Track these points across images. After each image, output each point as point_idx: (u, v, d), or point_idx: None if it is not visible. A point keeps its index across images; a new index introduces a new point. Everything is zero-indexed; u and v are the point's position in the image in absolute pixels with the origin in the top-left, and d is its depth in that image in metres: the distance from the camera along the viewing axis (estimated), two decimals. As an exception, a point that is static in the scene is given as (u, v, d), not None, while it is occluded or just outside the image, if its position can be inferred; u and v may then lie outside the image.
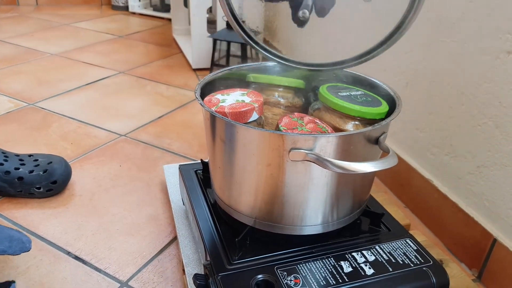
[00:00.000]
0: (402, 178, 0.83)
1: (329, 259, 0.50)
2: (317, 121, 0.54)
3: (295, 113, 0.56)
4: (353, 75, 0.63)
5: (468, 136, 0.67)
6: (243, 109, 0.52)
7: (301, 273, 0.48)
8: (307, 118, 0.54)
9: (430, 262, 0.51)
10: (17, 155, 0.81)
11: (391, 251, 0.52)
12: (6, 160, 0.78)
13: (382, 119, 0.52)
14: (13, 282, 0.60)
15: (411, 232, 0.62)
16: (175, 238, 0.72)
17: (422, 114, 0.76)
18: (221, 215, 0.58)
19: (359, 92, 0.57)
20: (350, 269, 0.49)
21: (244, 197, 0.53)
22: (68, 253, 0.68)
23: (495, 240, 0.62)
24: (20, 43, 1.73)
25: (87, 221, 0.75)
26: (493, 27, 0.60)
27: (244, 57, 1.34)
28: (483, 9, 0.62)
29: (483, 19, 0.62)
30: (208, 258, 0.51)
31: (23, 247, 0.56)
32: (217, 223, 0.57)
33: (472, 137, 0.66)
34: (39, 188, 0.78)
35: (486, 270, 0.65)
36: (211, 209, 0.60)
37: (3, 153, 0.80)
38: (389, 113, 0.54)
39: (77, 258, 0.67)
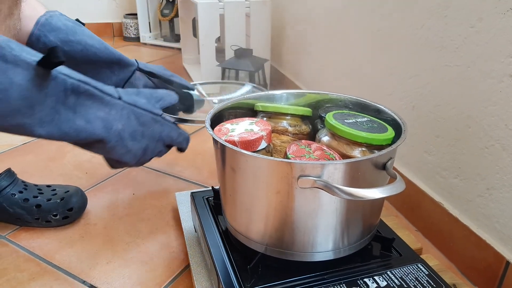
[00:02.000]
0: (412, 202, 0.83)
1: (341, 285, 0.51)
2: (325, 148, 0.55)
3: (303, 141, 0.57)
4: (359, 102, 0.64)
5: (476, 159, 0.67)
6: (252, 138, 0.54)
7: (313, 300, 0.49)
8: (314, 145, 0.55)
9: (442, 287, 0.51)
10: (36, 185, 0.84)
11: (403, 276, 0.52)
12: (25, 189, 0.82)
13: (389, 145, 0.53)
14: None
15: (423, 256, 0.62)
16: (188, 266, 0.72)
17: (430, 137, 0.77)
18: (232, 242, 0.59)
19: (365, 119, 0.59)
20: (361, 294, 0.50)
21: (255, 224, 0.54)
22: (84, 282, 0.69)
23: (508, 263, 0.62)
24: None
25: (102, 250, 0.76)
26: (495, 51, 0.61)
27: (252, 84, 1.37)
28: (484, 34, 0.63)
29: (485, 44, 0.63)
30: (221, 286, 0.52)
31: (175, 98, 0.71)
32: (229, 250, 0.58)
33: (480, 159, 0.66)
34: (55, 215, 0.80)
35: (500, 294, 0.64)
36: (222, 236, 0.61)
37: (23, 182, 0.84)
38: (395, 138, 0.55)
39: (92, 287, 0.68)
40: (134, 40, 2.47)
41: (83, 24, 0.78)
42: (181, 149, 0.72)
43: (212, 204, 0.69)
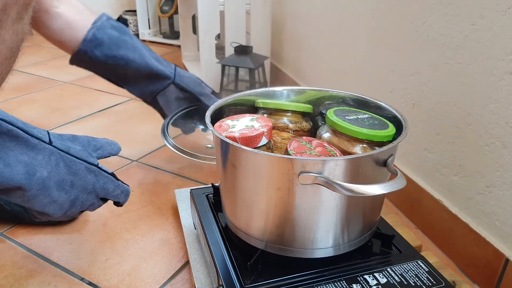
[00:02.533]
0: (412, 199, 0.83)
1: (341, 282, 0.51)
2: (326, 144, 0.55)
3: (304, 137, 0.57)
4: (360, 98, 0.64)
5: (476, 156, 0.67)
6: (252, 134, 0.54)
7: (313, 296, 0.48)
8: (315, 141, 0.55)
9: (442, 283, 0.51)
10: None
11: (403, 273, 0.52)
12: None
13: (390, 142, 0.53)
14: None
15: (423, 253, 0.62)
16: (187, 263, 0.72)
17: (430, 134, 0.77)
18: (232, 239, 0.59)
19: (366, 115, 0.58)
20: (362, 291, 0.49)
21: (255, 221, 0.53)
22: (82, 279, 0.69)
23: (507, 260, 0.62)
24: (34, 72, 1.78)
25: (100, 247, 0.76)
26: (496, 48, 0.61)
27: (252, 82, 1.37)
28: (485, 31, 0.63)
29: (486, 42, 0.63)
30: (221, 282, 0.52)
31: (118, 148, 0.66)
32: (228, 247, 0.57)
33: (480, 157, 0.66)
34: (53, 214, 0.80)
35: (500, 291, 0.64)
36: (222, 233, 0.61)
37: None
38: (396, 135, 0.55)
39: (91, 284, 0.68)
40: (133, 37, 2.47)
41: (127, 25, 0.84)
42: (118, 203, 0.65)
43: (212, 201, 0.69)
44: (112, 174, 0.62)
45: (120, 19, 0.87)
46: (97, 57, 0.80)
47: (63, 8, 0.77)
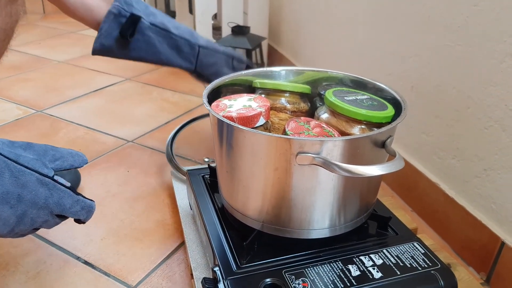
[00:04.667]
0: (409, 182, 0.83)
1: (337, 262, 0.51)
2: (324, 125, 0.54)
3: (302, 118, 0.56)
4: (359, 80, 0.63)
5: (475, 139, 0.67)
6: (250, 114, 0.53)
7: (309, 277, 0.48)
8: (313, 122, 0.54)
9: (438, 265, 0.51)
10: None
11: (399, 255, 0.52)
12: None
13: (388, 123, 0.53)
14: None
15: (418, 236, 0.62)
16: (183, 243, 0.72)
17: (428, 117, 0.77)
18: (228, 220, 0.59)
19: (365, 96, 0.58)
20: (358, 272, 0.49)
21: (252, 201, 0.53)
22: (78, 258, 0.69)
23: (503, 243, 0.62)
24: (28, 51, 1.75)
25: (96, 227, 0.76)
26: (498, 30, 0.60)
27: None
28: (487, 13, 0.62)
29: (488, 23, 0.62)
30: (217, 262, 0.51)
31: (84, 160, 0.59)
32: (225, 228, 0.57)
33: (478, 140, 0.66)
34: (48, 194, 0.79)
35: (494, 274, 0.64)
36: (218, 213, 0.60)
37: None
38: (395, 117, 0.54)
39: (86, 263, 0.68)
40: (128, 17, 2.42)
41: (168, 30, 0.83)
42: (79, 221, 0.57)
43: (208, 181, 0.69)
44: (71, 188, 0.55)
45: None
46: (113, 57, 0.82)
47: None
